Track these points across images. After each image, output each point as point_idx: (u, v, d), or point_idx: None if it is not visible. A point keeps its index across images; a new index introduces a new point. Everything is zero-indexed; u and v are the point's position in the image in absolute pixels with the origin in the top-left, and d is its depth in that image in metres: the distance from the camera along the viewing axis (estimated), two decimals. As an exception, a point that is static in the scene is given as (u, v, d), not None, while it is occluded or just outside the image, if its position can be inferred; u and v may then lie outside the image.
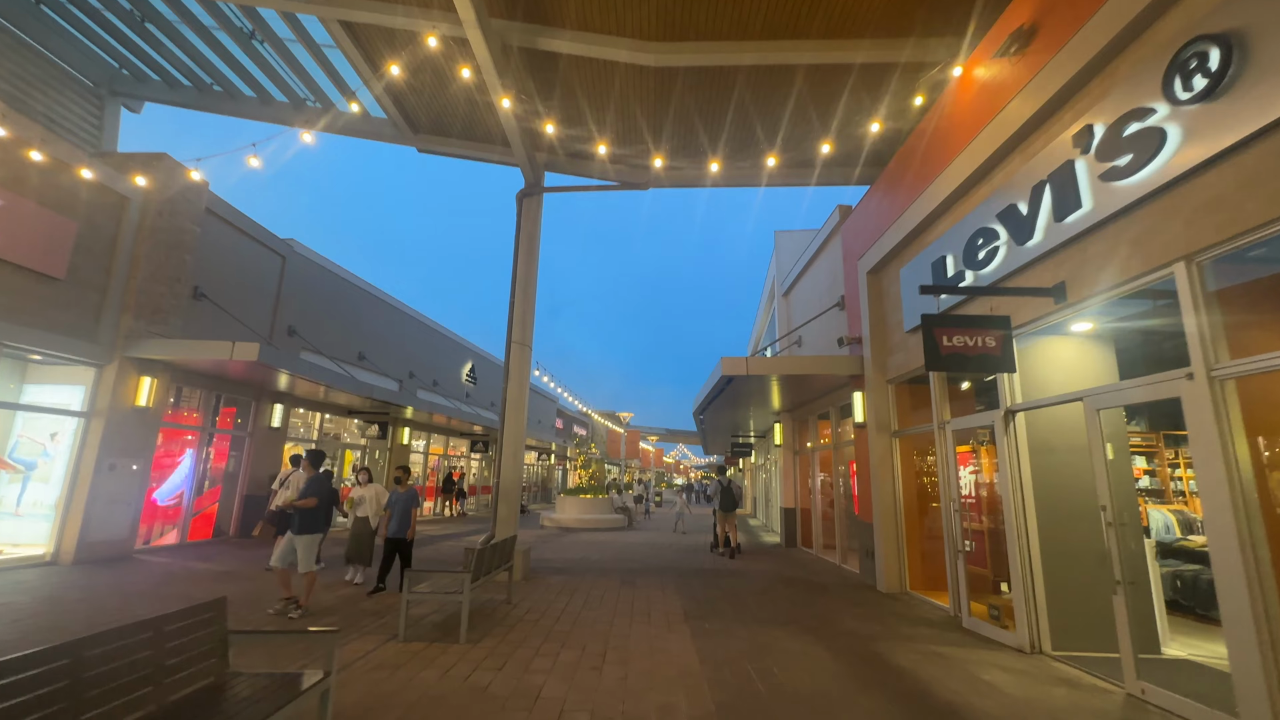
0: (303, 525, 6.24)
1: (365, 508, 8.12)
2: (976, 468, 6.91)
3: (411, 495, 7.53)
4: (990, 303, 5.84)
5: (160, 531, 10.55)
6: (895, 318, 8.33)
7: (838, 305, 10.62)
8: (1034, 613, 5.34)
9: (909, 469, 8.34)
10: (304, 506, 6.28)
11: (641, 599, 7.38)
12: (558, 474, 38.08)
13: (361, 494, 8.19)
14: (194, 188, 10.58)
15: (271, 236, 12.99)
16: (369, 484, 8.34)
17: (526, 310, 9.58)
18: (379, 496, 8.12)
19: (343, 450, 16.05)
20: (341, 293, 15.74)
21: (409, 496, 7.51)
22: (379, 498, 8.11)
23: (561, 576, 8.88)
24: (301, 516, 6.25)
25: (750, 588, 8.26)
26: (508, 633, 5.68)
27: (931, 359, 4.85)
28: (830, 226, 11.14)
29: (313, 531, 6.30)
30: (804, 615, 6.62)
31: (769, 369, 9.25)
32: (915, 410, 8.45)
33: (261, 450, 12.73)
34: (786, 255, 15.42)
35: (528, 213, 10.00)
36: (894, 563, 8.07)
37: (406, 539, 7.37)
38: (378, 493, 8.16)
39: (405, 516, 7.39)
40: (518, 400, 9.26)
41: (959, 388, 7.35)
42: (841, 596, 7.73)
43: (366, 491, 8.20)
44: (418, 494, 7.61)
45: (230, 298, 11.75)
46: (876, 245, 8.64)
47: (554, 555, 11.25)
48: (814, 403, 12.29)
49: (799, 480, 13.69)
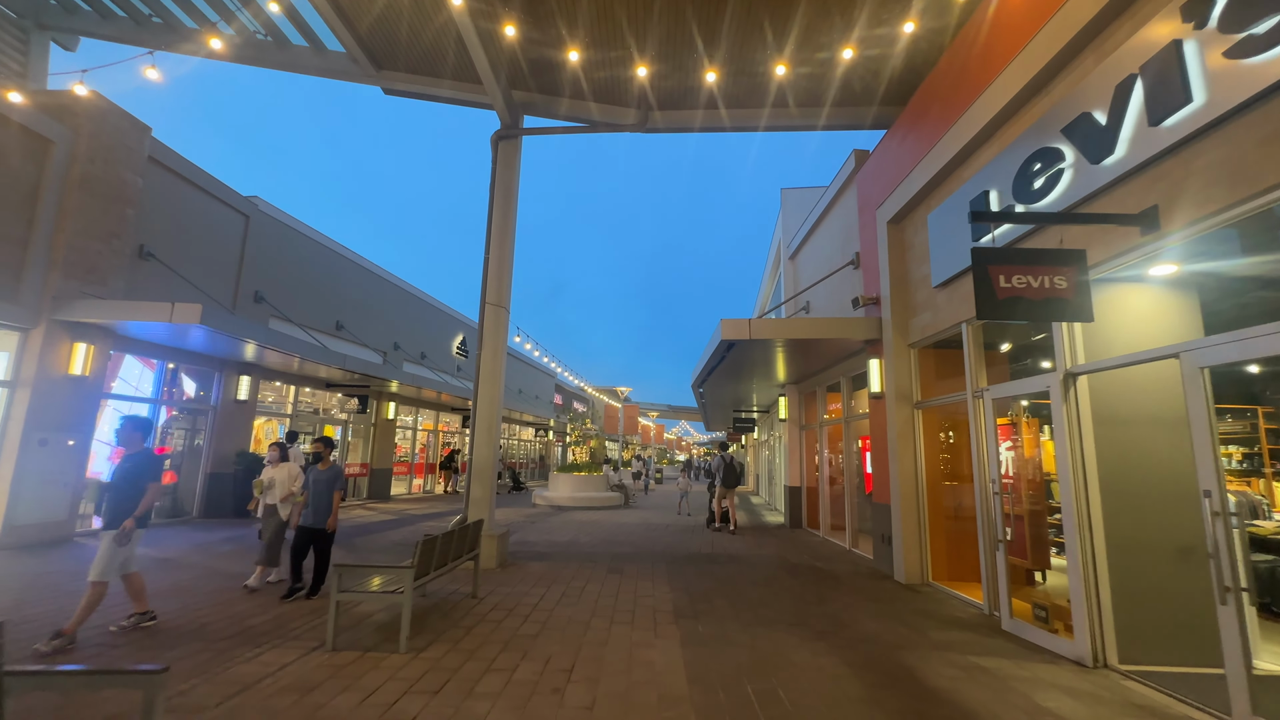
0: (111, 516, 4.57)
1: (275, 493, 6.45)
2: (1016, 443, 5.91)
3: (334, 475, 6.02)
4: (1060, 234, 4.73)
5: (111, 512, 9.70)
6: (921, 272, 7.25)
7: (851, 264, 9.52)
8: (1097, 617, 4.38)
9: (933, 445, 7.35)
10: None
11: (628, 591, 6.47)
12: (556, 450, 37.37)
13: (271, 475, 6.50)
14: (134, 133, 9.47)
15: (231, 193, 11.89)
16: (281, 463, 6.62)
17: (503, 267, 8.53)
18: (293, 478, 6.48)
19: (320, 425, 15.17)
20: (316, 257, 14.67)
21: (331, 477, 6.01)
22: (293, 479, 6.47)
23: (543, 563, 7.99)
24: (110, 504, 4.62)
25: (751, 577, 7.35)
26: (463, 637, 4.77)
27: (985, 304, 3.80)
28: (843, 176, 9.97)
29: (111, 526, 4.53)
30: (814, 614, 5.69)
31: (774, 332, 8.21)
32: (942, 378, 7.42)
33: (228, 425, 11.83)
34: (794, 215, 14.23)
35: (504, 158, 8.87)
36: (915, 551, 7.13)
37: (325, 530, 5.95)
38: (291, 473, 6.49)
39: (324, 502, 5.96)
40: (492, 368, 8.27)
41: (998, 351, 6.30)
42: (855, 589, 6.81)
43: (277, 472, 6.51)
44: (342, 474, 6.07)
45: (184, 259, 10.71)
46: (899, 189, 7.51)
47: (539, 538, 10.38)
48: (823, 373, 11.27)
49: (805, 457, 12.74)
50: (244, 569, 7.02)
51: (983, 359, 6.14)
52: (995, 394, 5.59)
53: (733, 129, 9.36)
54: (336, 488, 6.02)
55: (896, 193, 7.62)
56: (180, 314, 8.23)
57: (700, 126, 9.28)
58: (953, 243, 6.31)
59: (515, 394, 29.28)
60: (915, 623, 5.42)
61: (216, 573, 6.81)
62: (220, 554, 7.90)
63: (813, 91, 8.76)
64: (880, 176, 8.26)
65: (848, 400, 10.09)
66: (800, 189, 14.15)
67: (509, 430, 29.45)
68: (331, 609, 4.44)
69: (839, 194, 10.30)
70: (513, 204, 8.79)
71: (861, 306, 8.49)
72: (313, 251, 14.60)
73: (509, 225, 8.67)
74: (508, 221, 8.66)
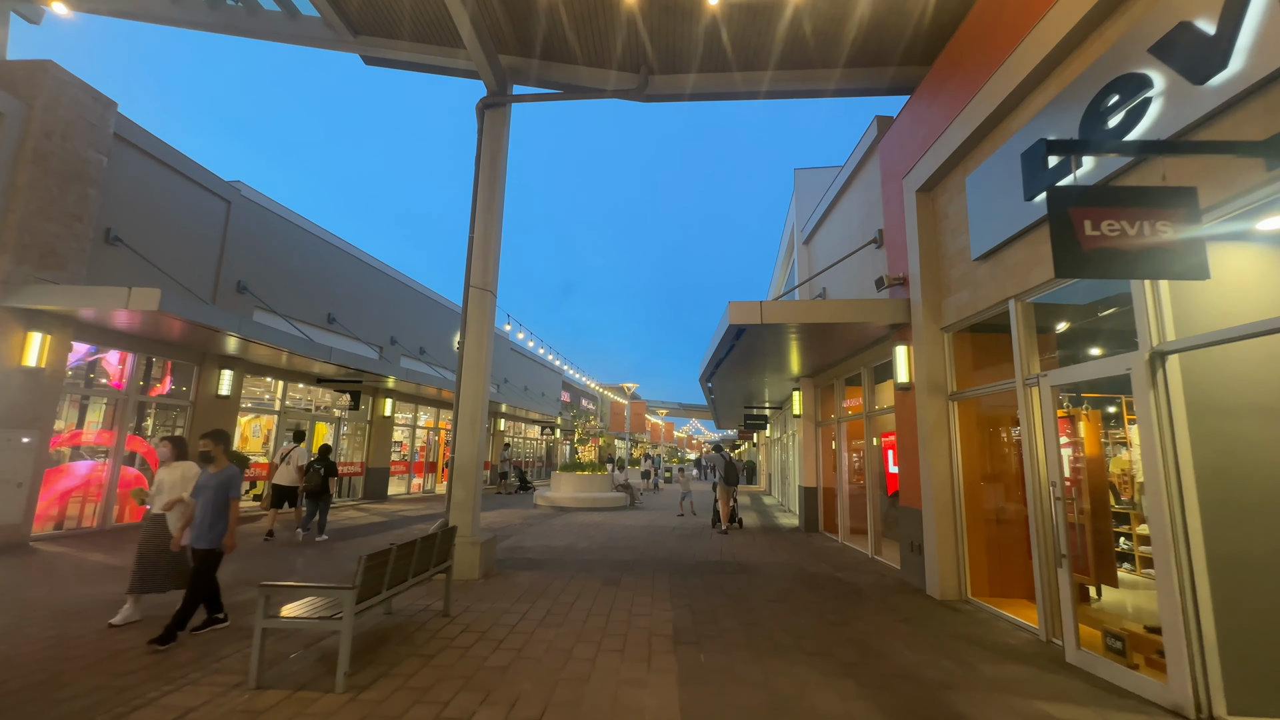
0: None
1: (164, 499, 5.00)
2: (1073, 439, 5.03)
3: (227, 481, 4.63)
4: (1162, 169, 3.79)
5: (77, 515, 9.08)
6: (957, 245, 6.37)
7: (874, 242, 8.64)
8: (1198, 654, 3.51)
9: (971, 442, 6.46)
10: None
11: (623, 608, 5.67)
12: (564, 449, 36.65)
13: (161, 477, 5.09)
14: (96, 108, 8.82)
15: (210, 176, 11.24)
16: (177, 460, 5.16)
17: (488, 247, 7.76)
18: (187, 481, 5.00)
19: (312, 423, 14.53)
20: (305, 247, 14.01)
21: (222, 483, 4.61)
22: (187, 483, 4.99)
23: (533, 573, 7.22)
24: None
25: (763, 591, 6.52)
26: (418, 670, 3.99)
27: (1067, 258, 2.95)
28: (864, 147, 9.08)
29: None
30: (837, 639, 4.85)
31: (788, 316, 7.35)
32: (981, 366, 6.53)
33: (208, 422, 11.18)
34: (808, 197, 13.33)
35: (490, 128, 8.10)
36: (950, 562, 6.26)
37: (217, 550, 4.59)
38: (186, 476, 5.03)
39: (217, 513, 4.57)
40: (477, 357, 7.50)
41: (1049, 335, 5.41)
42: (883, 606, 5.95)
43: (169, 473, 5.07)
44: (239, 476, 4.73)
45: (157, 246, 10.07)
46: (930, 153, 6.63)
47: (535, 542, 9.62)
48: (842, 364, 10.38)
49: (821, 456, 11.86)
50: (197, 580, 6.31)
51: (1034, 341, 5.26)
52: (1055, 380, 4.70)
53: (737, 93, 8.50)
54: (231, 494, 4.67)
55: (927, 157, 6.74)
56: (138, 300, 7.56)
57: (700, 90, 8.43)
58: (997, 207, 5.43)
59: (521, 391, 28.61)
60: (960, 652, 4.56)
61: (165, 584, 6.10)
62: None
63: (824, 51, 7.88)
64: (907, 141, 7.38)
65: (869, 393, 9.21)
66: (815, 169, 13.25)
67: (514, 429, 28.78)
68: (256, 639, 3.68)
69: (859, 167, 9.41)
70: (500, 177, 8.02)
71: (886, 288, 7.61)
72: (302, 241, 13.94)
73: (495, 200, 7.89)
74: (494, 196, 7.89)
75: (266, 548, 8.38)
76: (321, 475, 9.40)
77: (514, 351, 28.89)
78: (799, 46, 7.79)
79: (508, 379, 27.25)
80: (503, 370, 26.76)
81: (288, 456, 9.58)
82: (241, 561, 7.34)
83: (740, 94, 8.56)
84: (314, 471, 9.38)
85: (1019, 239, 5.20)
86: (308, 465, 9.45)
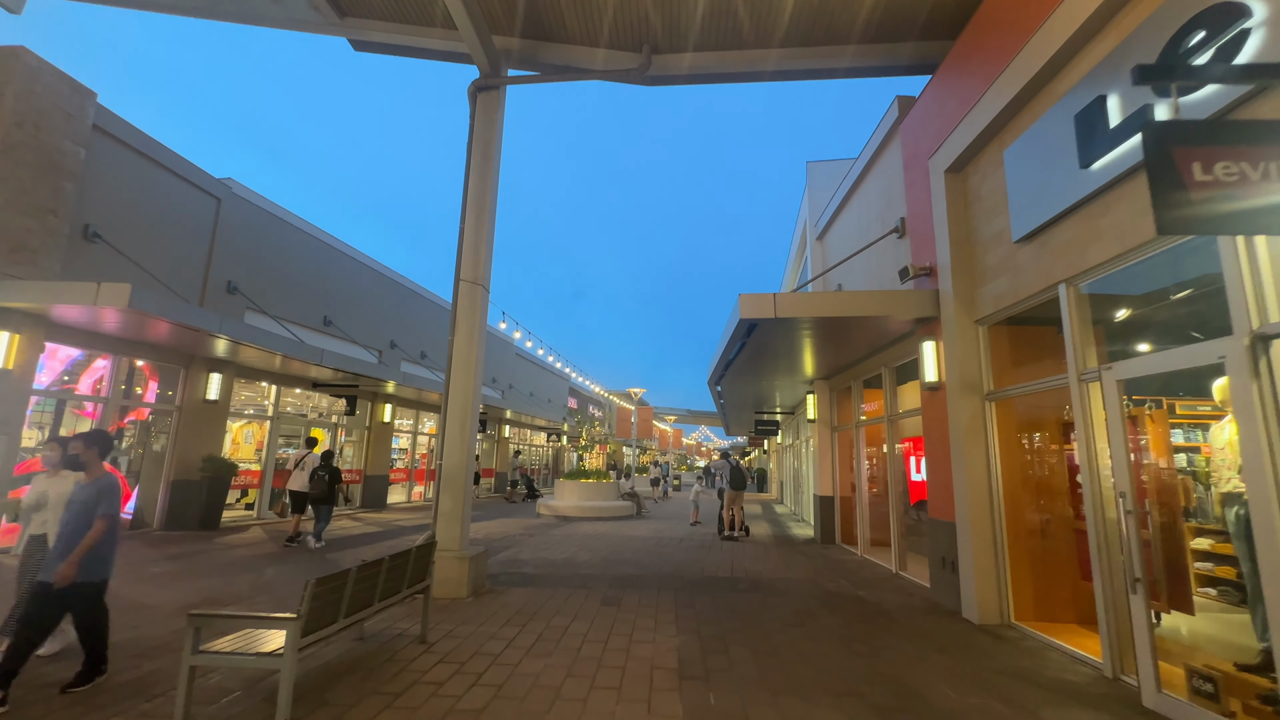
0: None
1: (45, 516, 4.18)
2: (1136, 442, 4.37)
3: (98, 494, 3.75)
4: None
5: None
6: (993, 227, 5.74)
7: (895, 232, 8.02)
8: (1322, 708, 2.84)
9: (1011, 446, 5.80)
10: None
11: (621, 634, 5.05)
12: (571, 456, 36.03)
13: (43, 489, 4.24)
14: (73, 97, 8.42)
15: (199, 172, 10.83)
16: (62, 471, 4.34)
17: (480, 238, 7.23)
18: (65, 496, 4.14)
19: (307, 429, 14.05)
20: (301, 248, 13.59)
21: (91, 496, 3.74)
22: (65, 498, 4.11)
23: (527, 590, 6.62)
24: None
25: (779, 612, 5.87)
26: (378, 712, 3.40)
27: (1169, 210, 2.33)
28: (883, 131, 8.48)
29: None
30: (867, 674, 4.20)
31: (804, 309, 6.73)
32: (1021, 363, 5.89)
33: (194, 428, 10.73)
34: (821, 190, 12.73)
35: (483, 112, 7.59)
36: (990, 581, 5.59)
37: (93, 583, 3.71)
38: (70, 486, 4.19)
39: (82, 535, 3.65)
40: (467, 355, 6.94)
41: (1105, 326, 4.75)
42: (916, 632, 5.29)
43: (52, 484, 4.25)
44: (115, 488, 3.79)
45: (140, 244, 9.64)
46: (961, 128, 6.02)
47: (533, 555, 9.01)
48: (860, 364, 9.73)
49: (838, 463, 11.18)
50: (165, 600, 5.78)
51: (1090, 330, 4.61)
52: (1123, 374, 4.05)
53: (744, 73, 7.93)
54: (106, 511, 3.72)
55: (956, 134, 6.13)
56: (107, 295, 7.09)
57: (704, 69, 7.87)
58: (1042, 181, 4.81)
59: (526, 397, 28.09)
60: (1014, 692, 3.89)
61: (122, 606, 5.56)
62: (147, 577, 6.68)
63: (838, 25, 7.29)
64: (933, 119, 6.78)
65: (890, 395, 8.55)
66: (827, 161, 12.66)
67: (519, 435, 28.23)
68: (182, 679, 3.11)
69: (877, 153, 8.81)
70: (493, 165, 7.50)
71: (911, 279, 6.98)
72: (297, 241, 13.52)
73: (488, 189, 7.37)
74: (486, 185, 7.37)
75: (242, 557, 7.85)
76: (326, 481, 9.38)
77: (519, 357, 28.40)
78: (811, 20, 7.22)
79: (513, 385, 26.75)
80: (508, 376, 26.26)
81: (301, 463, 9.64)
82: (214, 576, 6.80)
83: (747, 74, 8.00)
84: (319, 477, 9.36)
85: (1071, 214, 4.57)
86: (312, 471, 9.43)
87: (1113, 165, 4.00)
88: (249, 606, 5.60)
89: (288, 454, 13.64)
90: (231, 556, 8.09)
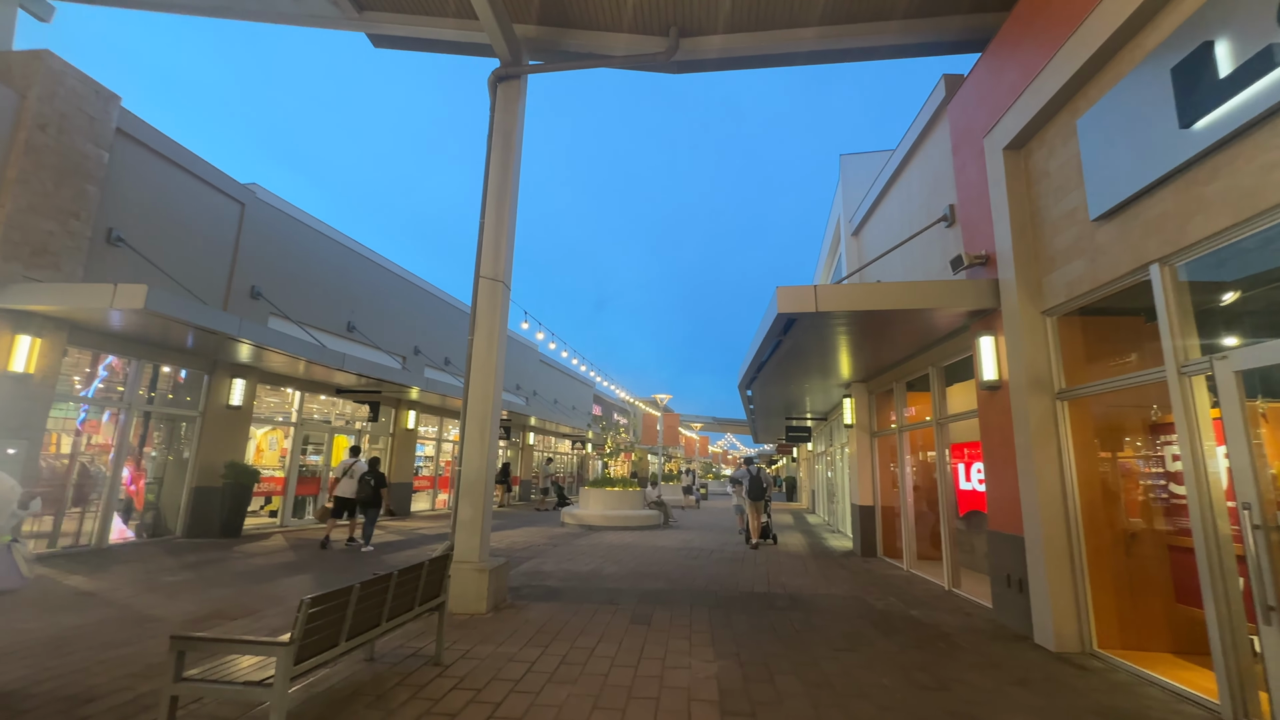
0: None
1: None
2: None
3: None
4: None
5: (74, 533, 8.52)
6: (1063, 207, 5.16)
7: (943, 220, 7.44)
8: None
9: (1087, 451, 5.18)
10: None
11: (654, 657, 4.58)
12: (596, 464, 35.67)
13: None
14: (97, 101, 8.39)
15: (223, 177, 10.80)
16: None
17: (501, 233, 6.89)
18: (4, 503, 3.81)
19: (331, 436, 13.92)
20: (324, 253, 13.53)
21: None
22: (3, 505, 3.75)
23: (550, 605, 6.20)
24: None
25: (827, 634, 5.32)
26: (381, 752, 3.00)
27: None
28: (928, 114, 7.93)
29: None
30: (937, 713, 3.65)
31: (849, 301, 6.19)
32: (1096, 358, 5.28)
33: (217, 433, 10.63)
34: (856, 184, 12.15)
35: (503, 102, 7.28)
36: (1068, 603, 4.96)
37: None
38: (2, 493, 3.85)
39: None
40: (487, 356, 6.59)
41: (1209, 312, 4.14)
42: (985, 660, 4.70)
43: None
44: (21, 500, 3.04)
45: (164, 248, 9.59)
46: (1023, 100, 5.46)
47: (556, 566, 8.60)
48: (901, 365, 9.11)
49: (878, 470, 10.54)
50: (172, 612, 5.52)
51: (1191, 317, 4.01)
52: (1243, 362, 3.45)
53: (777, 54, 7.47)
54: None
55: (1017, 106, 5.57)
56: (124, 297, 6.94)
57: (735, 50, 7.42)
58: (1127, 148, 4.24)
59: (551, 404, 27.85)
60: (1118, 739, 3.31)
61: (126, 617, 5.30)
62: (159, 586, 6.46)
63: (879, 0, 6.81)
64: (988, 94, 6.22)
65: (939, 397, 7.93)
66: (863, 154, 12.08)
67: (545, 443, 27.96)
68: (163, 710, 2.75)
69: (921, 137, 8.25)
70: (514, 157, 7.17)
71: (965, 268, 6.41)
72: (321, 246, 13.46)
73: (509, 182, 7.04)
74: (507, 177, 7.04)
75: (260, 566, 7.60)
76: (372, 486, 9.76)
77: (544, 364, 28.21)
78: None
79: (536, 392, 26.53)
80: (531, 383, 26.05)
81: (350, 470, 9.91)
82: (228, 586, 6.54)
83: (782, 55, 7.54)
84: (364, 482, 9.75)
85: (1166, 184, 3.99)
86: (360, 477, 9.77)
87: (1224, 121, 3.43)
88: (258, 620, 5.29)
89: (313, 460, 13.54)
90: (249, 566, 7.85)
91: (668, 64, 7.55)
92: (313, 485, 13.08)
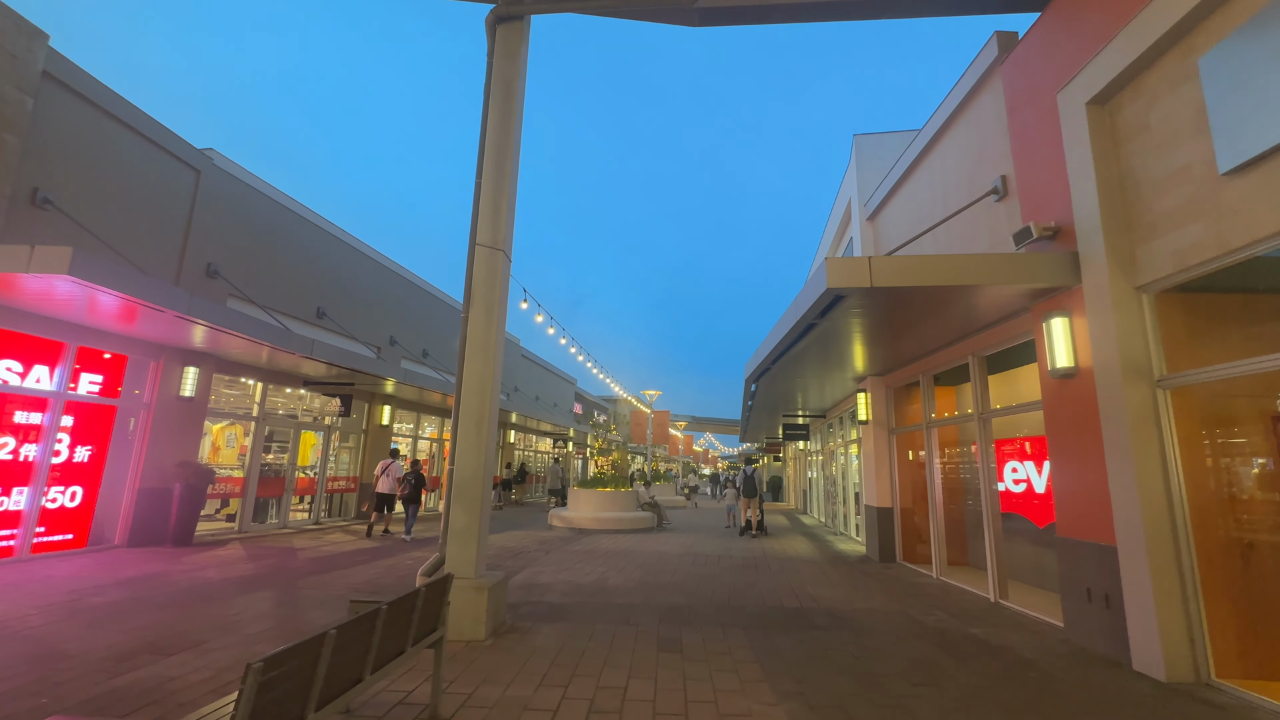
0: None
1: None
2: None
3: None
4: None
5: (-14, 541, 7.27)
6: (1171, 162, 4.44)
7: (993, 193, 6.74)
8: None
9: (1194, 447, 4.49)
10: None
11: (703, 702, 3.71)
12: (577, 463, 34.61)
13: None
14: (19, 38, 7.15)
15: (175, 139, 9.57)
16: None
17: (500, 196, 5.93)
18: None
19: (297, 432, 12.70)
20: (293, 232, 12.31)
21: None
22: None
23: (558, 627, 5.28)
24: None
25: (891, 663, 4.53)
26: None
27: None
28: (974, 77, 7.22)
29: None
30: (1088, 776, 2.86)
31: (912, 275, 5.32)
32: (1204, 339, 4.58)
33: (168, 428, 9.41)
34: (872, 166, 11.45)
35: (503, 46, 6.32)
36: (1178, 624, 4.25)
37: None
38: None
39: None
40: (484, 336, 5.63)
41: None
42: (1092, 695, 3.95)
43: None
44: None
45: (102, 215, 8.35)
46: (1114, 45, 4.75)
47: (555, 576, 7.66)
48: (931, 355, 8.40)
49: (897, 469, 9.85)
50: (91, 646, 4.44)
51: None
52: None
53: (810, 7, 6.68)
54: None
55: (1108, 52, 4.85)
56: (42, 260, 5.79)
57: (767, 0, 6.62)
58: (1276, 85, 3.52)
59: (532, 400, 26.75)
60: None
61: (27, 655, 4.21)
62: (83, 608, 5.33)
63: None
64: (1063, 42, 5.50)
65: (980, 389, 7.23)
66: (880, 134, 11.38)
67: (525, 441, 26.84)
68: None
69: (962, 106, 7.55)
70: (515, 109, 6.22)
71: (1033, 240, 5.68)
72: (288, 224, 12.23)
73: (510, 138, 6.09)
74: (508, 132, 6.08)
75: (211, 581, 6.50)
76: (413, 485, 11.29)
77: (525, 359, 27.10)
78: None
79: (518, 387, 25.42)
80: (513, 378, 24.94)
81: (387, 470, 11.26)
82: (169, 609, 5.44)
83: (817, 6, 6.74)
84: (407, 481, 11.26)
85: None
86: (403, 477, 11.28)
87: None
88: (201, 655, 4.26)
89: (277, 459, 12.32)
90: (199, 580, 6.73)
91: (691, 10, 6.68)
92: (277, 486, 11.86)
